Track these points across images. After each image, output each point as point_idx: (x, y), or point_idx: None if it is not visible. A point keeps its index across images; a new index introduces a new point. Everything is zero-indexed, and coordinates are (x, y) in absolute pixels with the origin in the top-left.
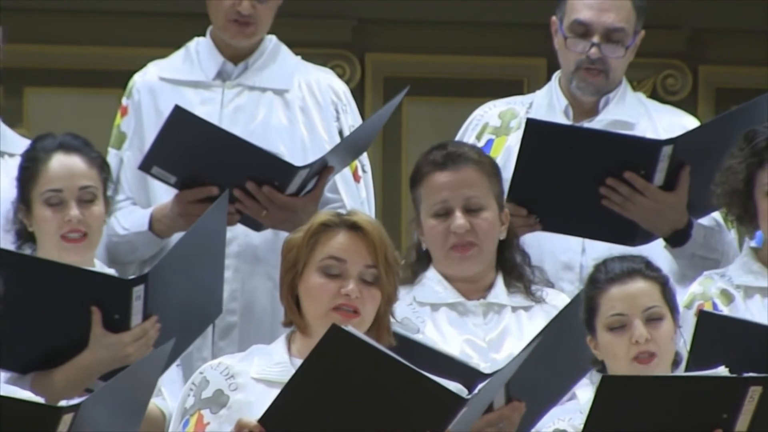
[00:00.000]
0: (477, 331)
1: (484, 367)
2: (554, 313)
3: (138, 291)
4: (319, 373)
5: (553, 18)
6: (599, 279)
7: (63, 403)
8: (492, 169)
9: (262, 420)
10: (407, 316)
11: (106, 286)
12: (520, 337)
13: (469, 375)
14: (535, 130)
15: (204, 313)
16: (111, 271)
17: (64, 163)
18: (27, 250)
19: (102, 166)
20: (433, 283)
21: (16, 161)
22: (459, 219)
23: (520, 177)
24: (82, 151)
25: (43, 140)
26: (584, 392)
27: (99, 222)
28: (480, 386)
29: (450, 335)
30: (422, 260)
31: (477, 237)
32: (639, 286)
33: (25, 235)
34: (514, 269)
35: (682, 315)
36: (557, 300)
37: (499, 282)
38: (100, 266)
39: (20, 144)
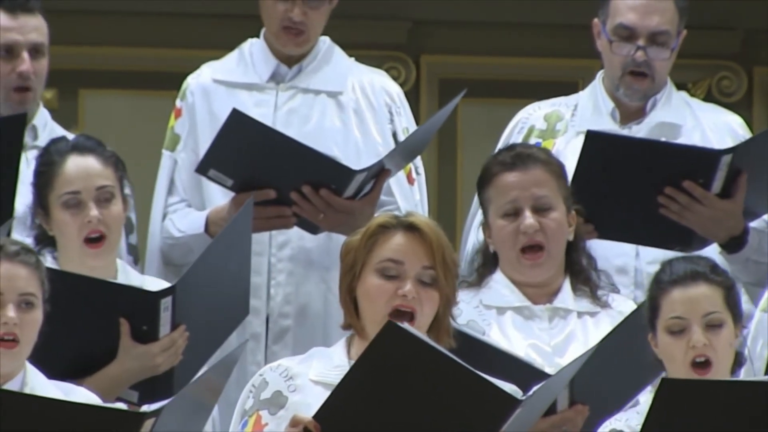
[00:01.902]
0: (542, 336)
1: (549, 370)
2: (620, 319)
3: (166, 302)
4: (374, 370)
5: (596, 20)
6: (663, 279)
7: (145, 408)
8: (559, 171)
9: (317, 416)
10: (473, 319)
11: (134, 298)
12: (585, 343)
13: (533, 375)
14: (595, 141)
15: (231, 316)
16: (134, 274)
17: (79, 165)
18: (47, 255)
19: (117, 165)
20: (500, 287)
21: None
22: (528, 218)
23: (578, 185)
24: (96, 151)
25: (56, 143)
26: (648, 398)
27: (118, 221)
28: (535, 388)
29: (515, 339)
30: (489, 263)
31: (546, 237)
32: (701, 290)
33: (44, 239)
34: (581, 272)
35: (759, 318)
36: (624, 306)
37: (567, 286)
38: (122, 268)
39: None
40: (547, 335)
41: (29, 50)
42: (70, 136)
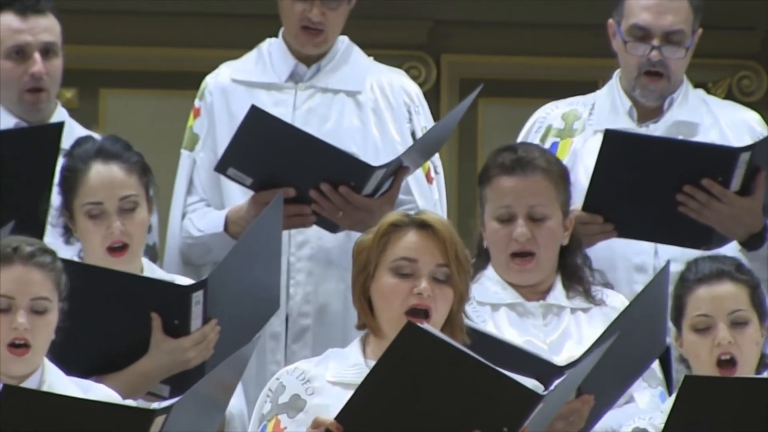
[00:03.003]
0: (537, 333)
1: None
2: (613, 315)
3: (197, 296)
4: (395, 371)
5: (610, 20)
6: (688, 278)
7: (155, 405)
8: (560, 177)
9: (339, 417)
10: (468, 315)
11: (166, 293)
12: (580, 341)
13: (543, 369)
14: (613, 140)
15: (262, 310)
16: (161, 273)
17: (102, 174)
18: (75, 245)
19: (142, 170)
20: (491, 283)
21: None
22: (520, 227)
23: (597, 185)
24: (121, 158)
25: (81, 146)
26: (642, 396)
27: (141, 229)
28: (556, 383)
29: (510, 336)
30: (482, 258)
31: (537, 245)
32: (726, 288)
33: (71, 234)
34: (575, 273)
35: None
36: (616, 301)
37: (558, 285)
38: (148, 268)
39: None
40: (542, 332)
41: (41, 51)
42: (97, 135)
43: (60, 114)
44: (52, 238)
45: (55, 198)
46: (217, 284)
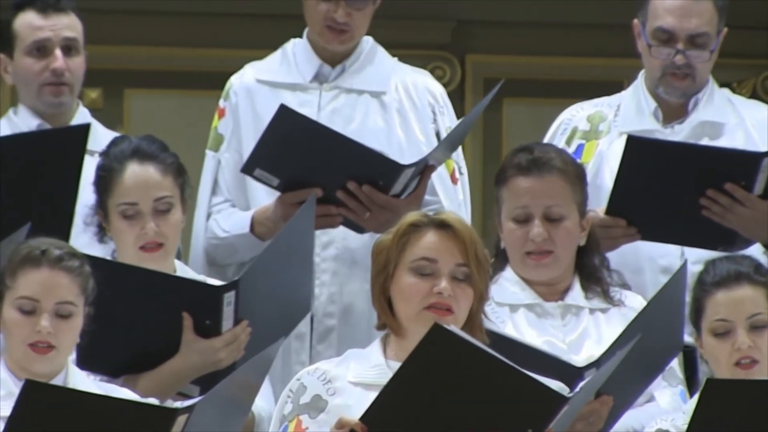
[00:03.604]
0: (556, 333)
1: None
2: (631, 315)
3: (229, 297)
4: (421, 372)
5: (635, 21)
6: (706, 281)
7: (177, 404)
8: (576, 177)
9: (363, 418)
10: (487, 316)
11: (198, 292)
12: (599, 341)
13: (562, 370)
14: (636, 145)
15: (293, 313)
16: (192, 274)
17: (138, 175)
18: (109, 244)
19: (178, 171)
20: (509, 284)
21: None
22: (537, 227)
23: (620, 189)
24: (156, 159)
25: (117, 146)
26: (663, 395)
27: (175, 230)
28: (581, 384)
29: (529, 336)
30: (500, 259)
31: (554, 245)
32: (744, 292)
33: (105, 233)
34: (593, 274)
35: None
36: (635, 302)
37: (576, 285)
38: (180, 269)
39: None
40: (561, 332)
41: (62, 48)
42: (109, 133)
43: (82, 114)
44: (86, 236)
45: (90, 197)
46: (249, 285)
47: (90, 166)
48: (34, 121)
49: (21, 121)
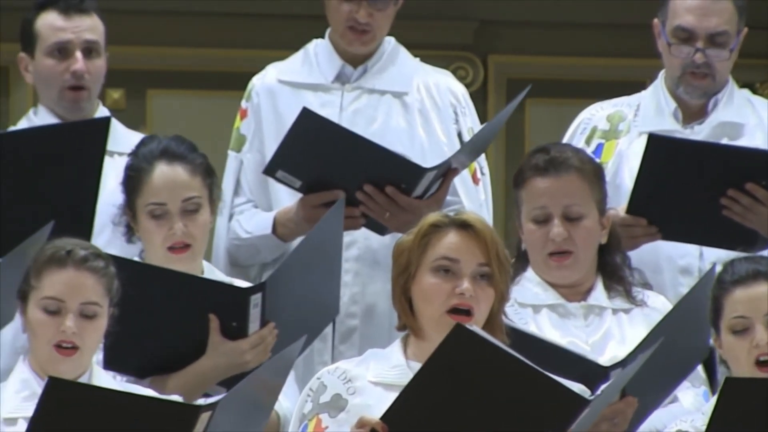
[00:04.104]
0: (579, 334)
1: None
2: (654, 315)
3: (256, 299)
4: (442, 372)
5: (656, 20)
6: (725, 280)
7: (201, 401)
8: (594, 176)
9: (385, 418)
10: (510, 318)
11: (224, 294)
12: (622, 341)
13: (587, 369)
14: (657, 145)
15: (321, 315)
16: (220, 275)
17: (166, 175)
18: (137, 243)
19: (206, 172)
20: (531, 285)
21: (124, 160)
22: (557, 227)
23: (641, 189)
24: (185, 159)
25: (146, 146)
26: (686, 395)
27: (203, 230)
28: (603, 387)
29: (553, 337)
30: (521, 260)
31: (575, 245)
32: (763, 289)
33: (133, 233)
34: (615, 273)
35: None
36: (657, 302)
37: (599, 285)
38: (208, 270)
39: (134, 142)
40: (584, 333)
41: (83, 50)
42: (130, 133)
43: (102, 114)
44: (104, 236)
45: (119, 196)
46: (276, 287)
47: (109, 167)
48: (54, 121)
49: (40, 121)
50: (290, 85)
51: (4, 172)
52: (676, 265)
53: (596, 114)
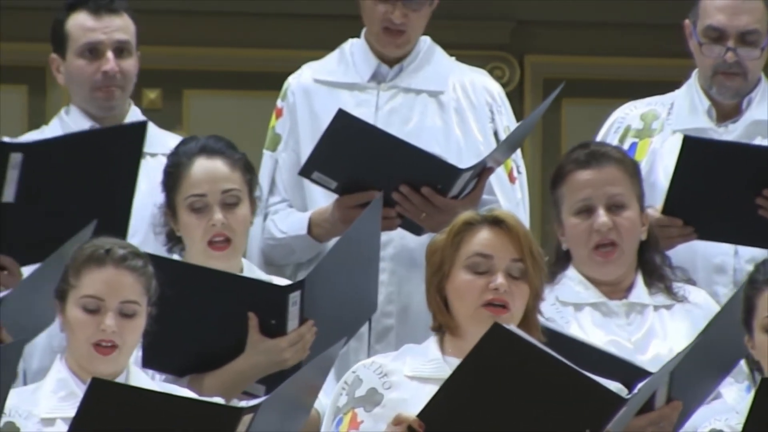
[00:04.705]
0: (621, 333)
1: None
2: (696, 311)
3: (294, 297)
4: (479, 371)
5: (686, 21)
6: (757, 279)
7: (242, 403)
8: (633, 170)
9: (422, 415)
10: (551, 317)
11: (263, 292)
12: (665, 338)
13: (620, 369)
14: (692, 147)
15: (359, 313)
16: (260, 273)
17: (206, 168)
18: (176, 253)
19: (246, 168)
20: (573, 283)
21: (159, 161)
22: (602, 217)
23: (676, 190)
24: (224, 154)
25: (186, 144)
26: (729, 391)
27: (243, 225)
28: (639, 386)
29: (595, 336)
30: (561, 260)
31: (619, 235)
32: None
33: (174, 238)
34: (655, 270)
35: None
36: (698, 298)
37: (640, 282)
38: (248, 268)
39: (169, 143)
40: (626, 331)
41: (114, 50)
42: (166, 134)
43: (134, 114)
44: (147, 238)
45: (152, 198)
46: (315, 285)
47: (142, 168)
48: (86, 122)
49: (72, 121)
50: (326, 85)
51: (42, 179)
52: (710, 263)
53: (630, 113)
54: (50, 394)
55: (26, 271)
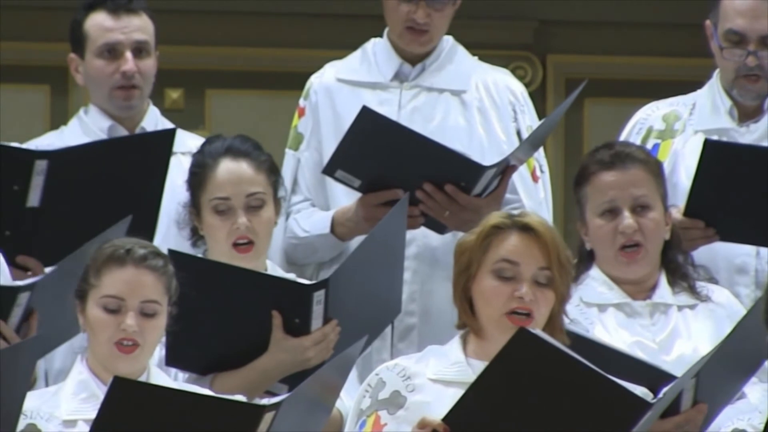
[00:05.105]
0: (645, 333)
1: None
2: (719, 311)
3: (319, 296)
4: (506, 375)
5: (707, 22)
6: None
7: (264, 401)
8: (657, 170)
9: (447, 419)
10: (576, 318)
11: (287, 291)
12: (689, 338)
13: (643, 372)
14: (713, 149)
15: (383, 314)
16: (282, 273)
17: (231, 170)
18: (201, 248)
19: (271, 169)
20: (597, 284)
21: (178, 160)
22: (627, 219)
23: (698, 192)
24: (250, 156)
25: (211, 144)
26: (753, 390)
27: (267, 228)
28: (664, 390)
29: (619, 337)
30: (584, 260)
31: (644, 237)
32: None
33: (198, 233)
34: (678, 270)
35: None
36: (721, 297)
37: (663, 281)
38: (271, 269)
39: (188, 142)
40: (650, 332)
41: (133, 50)
42: (187, 134)
43: (153, 113)
44: (167, 236)
45: (178, 195)
46: (338, 285)
47: (178, 167)
48: (105, 122)
49: (92, 121)
50: (348, 84)
51: (67, 185)
52: (732, 264)
53: (652, 114)
54: (71, 396)
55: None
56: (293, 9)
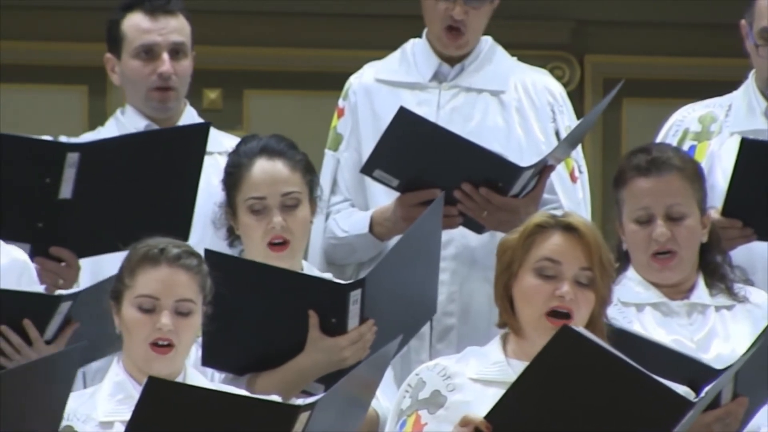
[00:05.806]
0: (683, 332)
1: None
2: (757, 312)
3: (355, 295)
4: (547, 373)
5: (743, 21)
6: None
7: (300, 401)
8: (695, 175)
9: (489, 417)
10: (614, 317)
11: (324, 290)
12: (727, 338)
13: (695, 369)
14: (750, 149)
15: (419, 314)
16: (317, 273)
17: (266, 170)
18: (238, 248)
19: (306, 169)
20: (633, 284)
21: (214, 159)
22: (660, 227)
23: (735, 191)
24: (285, 155)
25: (246, 144)
26: None
27: (303, 227)
28: (706, 389)
29: (657, 336)
30: (622, 260)
31: (678, 245)
32: None
33: (234, 233)
34: (716, 271)
35: None
36: (759, 298)
37: (701, 282)
38: (307, 269)
39: (223, 142)
40: (688, 331)
41: (169, 51)
42: (222, 134)
43: (189, 114)
44: (203, 236)
45: (214, 194)
46: (375, 284)
47: (214, 167)
48: (142, 121)
49: (128, 121)
50: (387, 84)
51: (99, 177)
52: None
53: (688, 116)
54: (108, 398)
55: (84, 264)
56: (332, 9)
